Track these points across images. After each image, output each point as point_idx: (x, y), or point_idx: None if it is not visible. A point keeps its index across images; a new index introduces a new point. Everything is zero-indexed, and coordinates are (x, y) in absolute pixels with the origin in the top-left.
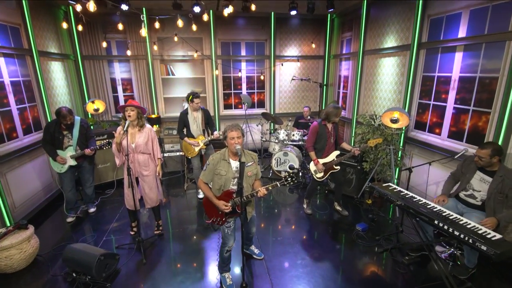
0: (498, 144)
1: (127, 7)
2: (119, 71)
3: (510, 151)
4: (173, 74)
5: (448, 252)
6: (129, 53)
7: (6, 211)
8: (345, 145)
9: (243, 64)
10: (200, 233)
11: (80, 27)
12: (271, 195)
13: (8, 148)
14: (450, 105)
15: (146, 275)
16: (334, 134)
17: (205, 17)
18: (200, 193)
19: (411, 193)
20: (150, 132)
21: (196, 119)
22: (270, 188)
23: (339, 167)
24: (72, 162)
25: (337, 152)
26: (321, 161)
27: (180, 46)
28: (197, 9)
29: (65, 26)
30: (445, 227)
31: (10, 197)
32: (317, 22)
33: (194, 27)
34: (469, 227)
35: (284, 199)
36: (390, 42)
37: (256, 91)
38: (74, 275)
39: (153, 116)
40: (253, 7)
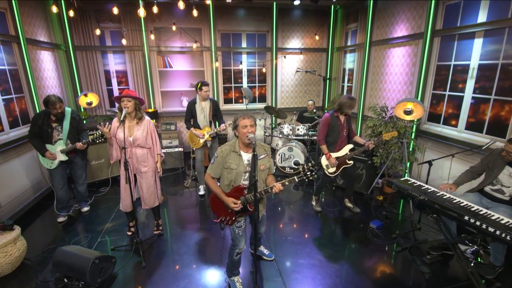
0: None
1: None
2: (114, 62)
3: None
4: (170, 66)
5: (471, 250)
6: (124, 42)
7: None
8: (357, 138)
9: (244, 57)
10: (204, 233)
11: (72, 13)
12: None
13: None
14: (468, 95)
15: (146, 280)
16: (347, 126)
17: (208, 1)
18: (201, 189)
19: (432, 187)
20: (149, 124)
21: (204, 109)
22: (286, 183)
23: (352, 161)
24: (62, 157)
25: (350, 146)
26: (333, 155)
27: (178, 36)
28: None
29: (55, 10)
30: (477, 223)
31: None
32: (320, 13)
33: (195, 12)
34: (503, 222)
35: (289, 197)
36: (400, 32)
37: (257, 85)
38: (65, 280)
39: (150, 111)
40: None
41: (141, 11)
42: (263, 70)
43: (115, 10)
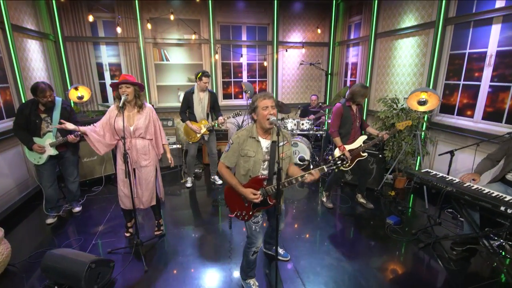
0: None
1: None
2: (106, 55)
3: None
4: (167, 59)
5: (496, 244)
6: (119, 30)
7: None
8: (370, 129)
9: (244, 50)
10: (209, 233)
11: (61, 0)
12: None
13: None
14: (485, 83)
15: (150, 285)
16: (359, 117)
17: None
18: (189, 181)
19: (456, 178)
20: (151, 112)
21: (202, 101)
22: (318, 172)
23: (366, 154)
24: (52, 151)
25: (364, 137)
26: (347, 147)
27: (176, 28)
28: None
29: None
30: None
31: None
32: (322, 6)
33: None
34: None
35: (293, 194)
36: (409, 22)
37: (257, 79)
38: None
39: None
40: None
41: None
42: (265, 64)
43: None
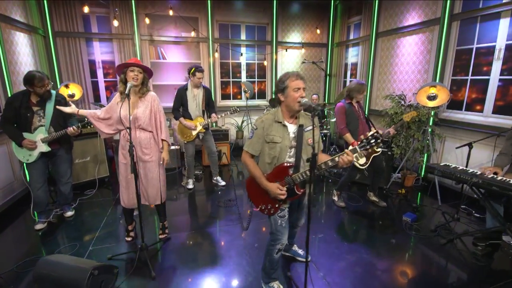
0: None
1: None
2: (100, 52)
3: None
4: (164, 58)
5: None
6: (116, 23)
7: None
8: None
9: (243, 50)
10: (220, 234)
11: None
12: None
13: None
14: (494, 77)
15: None
16: (362, 113)
17: None
18: (190, 183)
19: (478, 171)
20: (153, 101)
21: (196, 97)
22: (352, 154)
23: (380, 150)
24: (44, 148)
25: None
26: None
27: (173, 25)
28: None
29: None
30: None
31: None
32: (321, 7)
33: None
34: None
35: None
36: (412, 19)
37: (256, 80)
38: None
39: None
40: None
41: None
42: (264, 63)
43: None
